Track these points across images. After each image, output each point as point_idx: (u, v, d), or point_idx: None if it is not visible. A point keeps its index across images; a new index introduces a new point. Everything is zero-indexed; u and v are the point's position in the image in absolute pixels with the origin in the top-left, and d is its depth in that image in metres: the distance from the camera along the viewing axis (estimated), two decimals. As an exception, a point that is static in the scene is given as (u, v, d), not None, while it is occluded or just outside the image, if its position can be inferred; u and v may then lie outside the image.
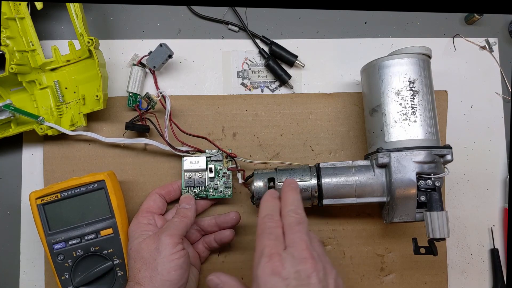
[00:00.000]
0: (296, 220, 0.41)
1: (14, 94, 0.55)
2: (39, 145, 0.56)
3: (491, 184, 0.59)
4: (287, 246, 0.39)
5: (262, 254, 0.39)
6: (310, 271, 0.37)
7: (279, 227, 0.41)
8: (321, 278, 0.37)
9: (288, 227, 0.41)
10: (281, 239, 0.40)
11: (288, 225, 0.41)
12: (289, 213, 0.42)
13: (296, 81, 0.59)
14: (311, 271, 0.37)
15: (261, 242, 0.40)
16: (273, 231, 0.41)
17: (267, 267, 0.37)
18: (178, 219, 0.48)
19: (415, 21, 0.62)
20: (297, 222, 0.41)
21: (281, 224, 0.41)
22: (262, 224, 0.42)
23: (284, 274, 0.37)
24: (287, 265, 0.37)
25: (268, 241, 0.39)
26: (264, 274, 0.37)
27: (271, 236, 0.40)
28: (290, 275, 0.37)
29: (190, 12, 0.59)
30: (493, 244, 0.58)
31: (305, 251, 0.38)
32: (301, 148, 0.57)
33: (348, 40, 0.61)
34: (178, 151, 0.53)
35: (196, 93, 0.58)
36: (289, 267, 0.37)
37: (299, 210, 0.42)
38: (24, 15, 0.53)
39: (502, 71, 0.61)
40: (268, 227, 0.41)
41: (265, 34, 0.59)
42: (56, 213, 0.49)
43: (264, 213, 0.43)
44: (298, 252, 0.38)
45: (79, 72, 0.55)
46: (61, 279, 0.49)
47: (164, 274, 0.43)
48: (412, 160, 0.47)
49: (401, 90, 0.49)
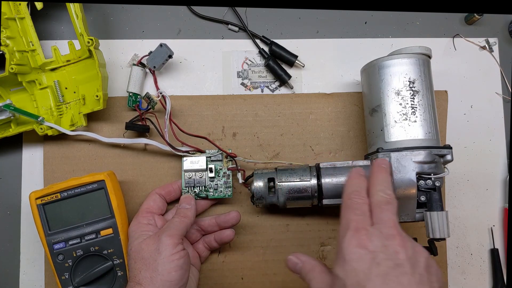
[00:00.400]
0: (385, 199, 0.40)
1: (14, 94, 0.55)
2: (39, 145, 0.56)
3: (491, 184, 0.59)
4: (374, 223, 0.38)
5: (347, 227, 0.38)
6: (398, 247, 0.36)
7: (365, 204, 0.40)
8: (410, 255, 0.36)
9: (376, 206, 0.40)
10: (368, 216, 0.39)
11: (376, 203, 0.40)
12: (378, 192, 0.41)
13: (296, 81, 0.59)
14: (399, 247, 0.36)
15: (347, 217, 0.39)
16: (360, 206, 0.40)
17: (353, 240, 0.37)
18: (178, 219, 0.48)
19: (415, 21, 0.62)
20: (386, 201, 0.40)
21: (368, 201, 0.40)
22: (348, 199, 0.41)
23: (371, 247, 0.36)
24: (374, 239, 0.36)
25: (354, 216, 0.39)
26: (350, 246, 0.36)
27: (357, 211, 0.39)
28: (377, 248, 0.36)
29: (190, 12, 0.59)
30: (493, 244, 0.58)
31: (393, 228, 0.37)
32: (301, 148, 0.57)
33: (348, 40, 0.61)
34: (178, 151, 0.53)
35: (196, 93, 0.58)
36: (376, 241, 0.36)
37: (388, 191, 0.41)
38: (24, 15, 0.53)
39: (502, 71, 0.61)
40: (354, 202, 0.40)
41: (265, 34, 0.59)
42: (56, 213, 0.49)
43: (350, 189, 0.42)
44: (386, 229, 0.37)
45: (79, 72, 0.55)
46: (61, 279, 0.49)
47: (164, 274, 0.43)
48: (412, 160, 0.47)
49: (401, 90, 0.49)
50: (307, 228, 0.56)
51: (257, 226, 0.56)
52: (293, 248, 0.56)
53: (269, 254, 0.56)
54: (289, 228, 0.56)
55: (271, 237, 0.56)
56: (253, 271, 0.56)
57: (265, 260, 0.56)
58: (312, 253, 0.56)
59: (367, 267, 0.35)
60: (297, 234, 0.56)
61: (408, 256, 0.36)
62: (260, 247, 0.56)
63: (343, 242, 0.37)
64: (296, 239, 0.56)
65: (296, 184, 0.50)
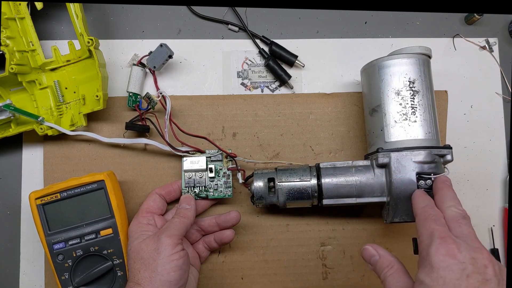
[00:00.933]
0: (460, 214, 0.40)
1: (14, 94, 0.55)
2: (39, 145, 0.56)
3: (491, 184, 0.59)
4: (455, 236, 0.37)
5: (432, 236, 0.37)
6: (487, 261, 0.35)
7: (442, 217, 0.40)
8: (497, 271, 0.35)
9: (452, 220, 0.39)
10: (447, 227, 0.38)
11: (452, 218, 0.39)
12: (451, 208, 0.40)
13: (296, 81, 0.59)
14: (488, 261, 0.35)
15: (429, 226, 0.38)
16: (438, 218, 0.39)
17: (442, 248, 0.36)
18: (177, 220, 0.48)
19: (415, 21, 0.62)
20: (462, 216, 0.39)
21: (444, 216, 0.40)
22: (424, 212, 0.40)
23: (460, 258, 0.35)
24: (463, 249, 0.36)
25: (436, 226, 0.38)
26: (439, 254, 0.36)
27: (438, 222, 0.39)
28: (466, 259, 0.35)
29: (190, 12, 0.59)
30: (493, 244, 0.58)
31: (477, 242, 0.37)
32: (301, 148, 0.57)
33: (348, 40, 0.61)
34: (178, 151, 0.53)
35: (196, 93, 0.58)
36: (465, 252, 0.35)
37: (460, 207, 0.41)
38: (24, 15, 0.53)
39: (502, 71, 0.61)
40: (432, 214, 0.40)
41: (265, 34, 0.59)
42: (55, 213, 0.49)
43: (422, 204, 0.42)
44: (471, 241, 0.36)
45: (79, 72, 0.55)
46: (61, 279, 0.49)
47: (163, 274, 0.43)
48: (412, 160, 0.47)
49: (401, 90, 0.49)
50: (307, 228, 0.56)
51: (257, 226, 0.56)
52: (293, 248, 0.56)
53: (269, 254, 0.56)
54: (289, 228, 0.56)
55: (271, 237, 0.56)
56: (253, 271, 0.56)
57: (265, 260, 0.56)
58: (312, 253, 0.56)
59: (457, 277, 0.35)
60: (297, 234, 0.56)
61: (495, 272, 0.35)
62: (260, 247, 0.56)
63: (431, 248, 0.36)
64: (296, 239, 0.56)
65: (296, 184, 0.50)
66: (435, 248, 0.36)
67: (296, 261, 0.56)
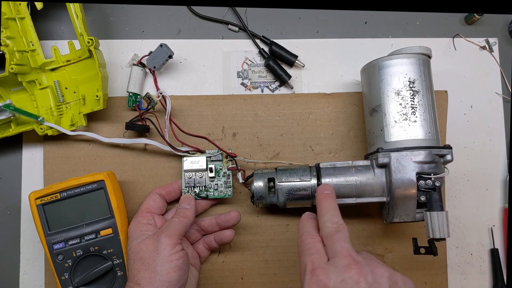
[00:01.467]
0: (333, 229, 0.40)
1: (14, 94, 0.55)
2: (39, 145, 0.56)
3: (491, 184, 0.59)
4: (329, 257, 0.39)
5: (305, 272, 0.38)
6: (356, 277, 0.36)
7: (318, 242, 0.41)
8: (370, 281, 0.36)
9: (327, 238, 0.40)
10: (322, 252, 0.39)
11: (326, 236, 0.40)
12: (325, 223, 0.41)
13: (296, 81, 0.59)
14: (357, 276, 0.36)
15: (303, 260, 0.39)
16: (312, 246, 0.40)
17: (312, 283, 0.37)
18: (177, 219, 0.48)
19: (415, 21, 0.62)
20: (335, 230, 0.40)
21: (320, 238, 0.41)
22: (300, 242, 0.42)
23: (331, 285, 0.36)
24: (332, 275, 0.36)
25: (308, 257, 0.39)
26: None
27: (310, 251, 0.40)
28: (336, 285, 0.36)
29: (190, 12, 0.59)
30: (493, 244, 0.58)
31: (347, 258, 0.37)
32: (301, 148, 0.57)
33: (348, 40, 0.60)
34: (178, 151, 0.53)
35: (196, 93, 0.58)
36: (334, 277, 0.36)
37: (335, 219, 0.41)
38: (24, 15, 0.53)
39: (502, 71, 0.61)
40: (307, 243, 0.41)
41: (265, 34, 0.59)
42: (55, 213, 0.49)
43: (301, 232, 0.43)
44: (341, 261, 0.37)
45: (79, 72, 0.55)
46: (61, 279, 0.49)
47: (163, 275, 0.43)
48: (412, 160, 0.47)
49: (401, 90, 0.49)
50: (307, 228, 0.56)
51: (257, 226, 0.56)
52: (293, 248, 0.56)
53: (269, 254, 0.56)
54: (289, 228, 0.56)
55: (271, 237, 0.56)
56: (253, 271, 0.56)
57: (265, 260, 0.56)
58: (312, 253, 0.56)
59: None
60: (297, 234, 0.56)
61: (368, 283, 0.36)
62: (260, 247, 0.56)
63: (304, 285, 0.38)
64: (296, 239, 0.56)
65: (296, 184, 0.50)
66: (307, 285, 0.37)
67: (296, 261, 0.56)
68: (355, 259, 0.37)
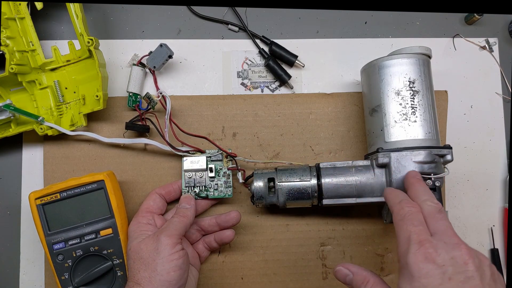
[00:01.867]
0: (435, 208, 0.39)
1: (14, 94, 0.55)
2: (39, 145, 0.56)
3: (491, 184, 0.59)
4: (432, 233, 0.37)
5: (409, 240, 0.36)
6: (467, 257, 0.34)
7: (419, 212, 0.39)
8: (478, 265, 0.35)
9: (428, 216, 0.38)
10: (425, 225, 0.37)
11: (428, 213, 0.38)
12: (426, 202, 0.39)
13: (296, 81, 0.59)
14: (467, 257, 0.34)
15: (405, 228, 0.37)
16: (415, 216, 0.38)
17: (419, 254, 0.35)
18: (177, 219, 0.48)
19: (415, 21, 0.62)
20: (438, 210, 0.38)
21: (420, 208, 0.39)
22: (400, 209, 0.39)
23: (439, 261, 0.34)
24: (441, 251, 0.35)
25: (413, 227, 0.37)
26: (417, 261, 0.35)
27: (414, 222, 0.37)
28: (445, 261, 0.34)
29: (190, 12, 0.59)
30: (493, 244, 0.58)
31: (455, 237, 0.36)
32: (301, 148, 0.57)
33: (348, 40, 0.61)
34: (178, 151, 0.53)
35: (196, 93, 0.58)
36: (444, 253, 0.35)
37: (435, 200, 0.40)
38: (24, 15, 0.53)
39: (502, 71, 0.61)
40: (408, 211, 0.39)
41: (265, 34, 0.59)
42: (55, 213, 0.49)
43: (397, 199, 0.41)
44: (448, 238, 0.36)
45: (79, 72, 0.55)
46: (61, 279, 0.49)
47: (163, 274, 0.43)
48: (412, 160, 0.47)
49: (401, 90, 0.49)
50: (307, 228, 0.56)
51: (257, 226, 0.56)
52: (293, 248, 0.56)
53: (269, 254, 0.56)
54: (289, 228, 0.56)
55: (271, 237, 0.56)
56: (253, 271, 0.56)
57: (265, 260, 0.56)
58: (312, 253, 0.56)
59: (439, 282, 0.34)
60: (297, 234, 0.56)
61: (476, 266, 0.34)
62: (260, 247, 0.56)
63: (408, 257, 0.36)
64: (296, 239, 0.56)
65: (296, 184, 0.50)
66: (413, 255, 0.36)
67: (296, 261, 0.56)
68: (461, 240, 0.36)
